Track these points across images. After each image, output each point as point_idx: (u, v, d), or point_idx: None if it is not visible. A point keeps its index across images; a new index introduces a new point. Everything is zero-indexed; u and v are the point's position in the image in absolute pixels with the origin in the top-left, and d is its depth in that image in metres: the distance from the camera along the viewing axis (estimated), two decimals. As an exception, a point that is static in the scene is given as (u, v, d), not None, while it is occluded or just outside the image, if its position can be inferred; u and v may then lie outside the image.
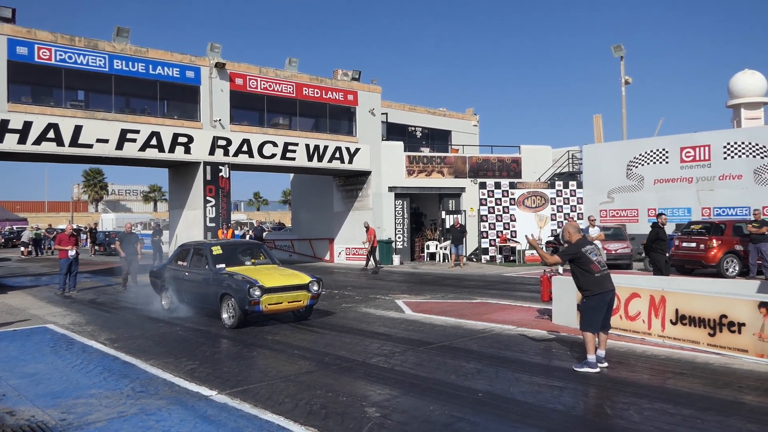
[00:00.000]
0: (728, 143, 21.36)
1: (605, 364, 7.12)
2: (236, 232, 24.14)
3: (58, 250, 16.22)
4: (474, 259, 25.12)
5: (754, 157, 20.70)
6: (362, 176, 25.65)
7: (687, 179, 22.33)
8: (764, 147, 20.49)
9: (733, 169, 21.14)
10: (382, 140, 26.38)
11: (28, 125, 17.47)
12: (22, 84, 18.27)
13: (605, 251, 19.86)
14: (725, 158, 21.36)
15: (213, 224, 20.76)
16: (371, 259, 22.19)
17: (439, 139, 31.72)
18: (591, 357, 7.01)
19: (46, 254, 35.58)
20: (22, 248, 35.57)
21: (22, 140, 17.44)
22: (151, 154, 19.78)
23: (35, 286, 17.95)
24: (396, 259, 24.62)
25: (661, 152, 23.09)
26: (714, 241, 16.80)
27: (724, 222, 17.87)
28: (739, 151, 21.06)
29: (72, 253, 15.43)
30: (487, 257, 24.59)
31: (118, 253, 17.14)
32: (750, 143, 20.85)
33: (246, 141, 21.86)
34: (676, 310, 8.11)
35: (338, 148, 24.30)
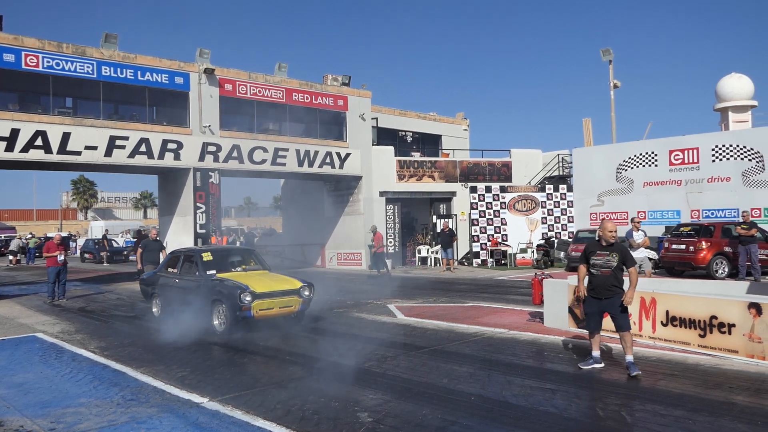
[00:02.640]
0: (716, 146, 21.52)
1: (602, 364, 7.32)
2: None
3: (46, 258, 16.07)
4: (465, 263, 25.14)
5: (742, 159, 20.87)
6: (353, 181, 25.65)
7: (676, 182, 22.48)
8: (752, 149, 20.66)
9: (722, 172, 21.29)
10: (373, 145, 26.39)
11: (15, 132, 17.34)
12: (9, 91, 18.17)
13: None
14: (713, 161, 21.51)
15: (203, 231, 20.66)
16: (379, 263, 22.00)
17: (430, 143, 31.78)
18: (596, 353, 7.28)
19: (35, 262, 35.26)
20: (11, 257, 35.26)
21: (10, 148, 17.30)
22: (141, 160, 19.69)
23: (24, 294, 17.78)
24: (388, 263, 24.55)
25: (650, 155, 23.23)
26: (703, 243, 16.91)
27: (713, 224, 17.99)
28: (727, 153, 21.22)
29: (60, 258, 15.30)
30: (479, 261, 24.63)
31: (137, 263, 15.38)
32: (738, 146, 21.02)
33: (236, 147, 21.80)
34: (667, 312, 8.15)
35: (329, 153, 24.29)
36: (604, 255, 7.08)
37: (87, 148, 18.60)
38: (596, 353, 7.30)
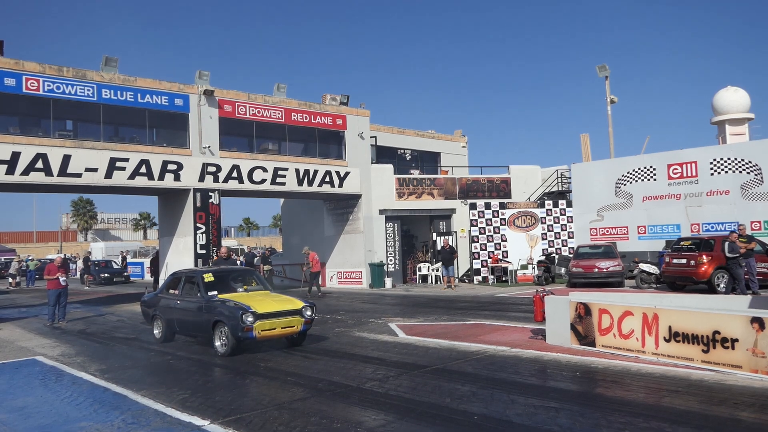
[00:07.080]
0: (714, 159, 21.59)
1: None
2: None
3: (47, 280, 16.04)
4: (466, 280, 25.09)
5: (740, 172, 20.91)
6: (352, 200, 25.68)
7: (675, 196, 22.50)
8: (750, 162, 20.71)
9: (721, 185, 21.33)
10: (372, 163, 26.47)
11: (16, 156, 17.39)
12: (10, 115, 18.25)
13: (596, 269, 19.95)
14: (712, 174, 21.56)
15: (203, 251, 20.63)
16: (313, 283, 21.78)
17: (429, 161, 31.85)
18: None
19: (35, 284, 35.16)
20: (10, 279, 35.18)
21: (10, 171, 17.35)
22: (141, 182, 19.73)
23: (24, 317, 17.73)
24: (388, 282, 24.54)
25: (648, 170, 23.30)
26: (704, 257, 16.86)
27: (714, 238, 17.96)
28: (726, 166, 21.27)
29: (62, 280, 15.27)
30: (479, 278, 24.57)
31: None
32: (736, 159, 21.09)
33: (236, 167, 21.87)
34: (669, 328, 8.12)
35: (328, 172, 24.36)
36: None
37: (87, 170, 18.65)
38: None
